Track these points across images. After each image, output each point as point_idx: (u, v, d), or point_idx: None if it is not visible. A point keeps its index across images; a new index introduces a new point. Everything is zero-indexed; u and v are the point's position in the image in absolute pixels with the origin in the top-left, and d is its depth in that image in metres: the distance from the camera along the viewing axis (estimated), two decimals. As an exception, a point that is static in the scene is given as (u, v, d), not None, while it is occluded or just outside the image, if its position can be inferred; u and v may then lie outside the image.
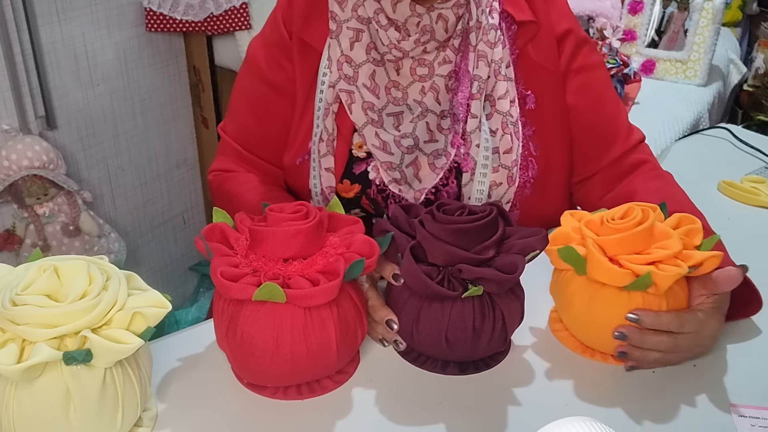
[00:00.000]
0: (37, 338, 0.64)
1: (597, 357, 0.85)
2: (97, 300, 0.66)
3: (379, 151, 0.99)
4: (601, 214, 0.84)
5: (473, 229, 0.79)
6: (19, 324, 0.64)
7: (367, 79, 0.99)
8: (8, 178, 1.63)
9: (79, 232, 1.76)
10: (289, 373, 0.77)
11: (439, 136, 1.01)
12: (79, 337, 0.65)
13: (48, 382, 0.65)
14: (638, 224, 0.81)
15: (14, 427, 0.66)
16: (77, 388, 0.65)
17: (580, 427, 0.56)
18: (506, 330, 0.81)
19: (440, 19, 0.97)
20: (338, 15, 1.00)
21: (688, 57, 1.98)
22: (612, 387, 0.81)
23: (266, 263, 0.77)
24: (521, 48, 1.02)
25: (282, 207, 0.81)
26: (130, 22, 1.96)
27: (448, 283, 0.78)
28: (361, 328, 0.80)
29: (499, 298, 0.80)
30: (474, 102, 1.00)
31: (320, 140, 1.02)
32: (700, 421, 0.76)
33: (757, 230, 1.14)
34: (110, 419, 0.69)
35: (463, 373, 0.82)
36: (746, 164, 1.36)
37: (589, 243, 0.81)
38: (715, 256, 0.80)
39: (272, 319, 0.74)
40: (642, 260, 0.79)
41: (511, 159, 1.01)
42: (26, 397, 0.65)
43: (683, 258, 0.80)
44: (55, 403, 0.65)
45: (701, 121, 1.84)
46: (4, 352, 0.63)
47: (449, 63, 0.99)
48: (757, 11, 2.76)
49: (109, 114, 1.96)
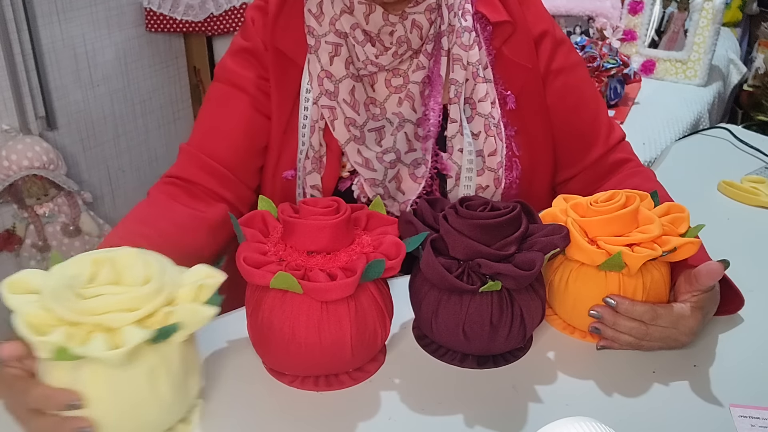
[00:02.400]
0: (122, 323, 0.67)
1: (576, 335, 0.89)
2: (163, 280, 0.70)
3: (362, 168, 0.99)
4: (588, 198, 0.88)
5: (495, 224, 0.80)
6: (100, 313, 0.67)
7: (348, 95, 0.98)
8: (8, 179, 1.64)
9: (79, 232, 1.76)
10: (303, 363, 0.78)
11: (416, 144, 1.01)
12: (162, 314, 0.68)
13: (138, 362, 0.68)
14: (621, 208, 0.84)
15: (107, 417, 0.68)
16: (163, 362, 0.69)
17: (580, 427, 0.56)
18: (525, 326, 0.81)
19: (414, 27, 0.96)
20: (316, 30, 0.98)
21: (688, 57, 1.98)
22: (612, 387, 0.81)
23: (292, 254, 0.79)
24: (498, 48, 1.02)
25: (316, 201, 0.82)
26: (130, 22, 1.96)
27: (468, 277, 0.79)
28: (383, 329, 0.80)
29: (519, 294, 0.81)
30: (452, 106, 0.99)
31: (306, 157, 1.01)
32: (700, 421, 0.76)
33: (757, 230, 1.14)
34: (189, 387, 0.73)
35: (482, 367, 0.83)
36: (746, 164, 1.36)
37: (570, 222, 0.85)
38: (691, 242, 0.83)
39: (290, 308, 0.75)
40: (619, 242, 0.83)
41: (496, 161, 1.01)
42: (122, 382, 0.67)
43: (661, 243, 0.83)
44: (148, 381, 0.68)
45: (701, 121, 1.84)
46: (97, 342, 0.65)
47: (423, 69, 0.99)
48: (757, 11, 2.76)
49: (110, 115, 1.97)
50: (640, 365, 0.84)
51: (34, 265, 1.73)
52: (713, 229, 0.93)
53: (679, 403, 0.79)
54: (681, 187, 1.25)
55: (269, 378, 0.82)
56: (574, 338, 0.88)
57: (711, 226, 0.92)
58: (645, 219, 0.85)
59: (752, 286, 0.98)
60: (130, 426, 0.69)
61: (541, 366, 0.84)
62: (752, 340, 0.89)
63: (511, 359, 0.85)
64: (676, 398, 0.79)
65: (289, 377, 0.81)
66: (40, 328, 0.66)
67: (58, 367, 0.67)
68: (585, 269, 0.85)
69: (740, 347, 0.87)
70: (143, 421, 0.70)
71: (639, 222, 0.85)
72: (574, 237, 0.83)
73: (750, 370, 0.84)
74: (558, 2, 2.07)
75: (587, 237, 0.85)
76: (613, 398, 0.79)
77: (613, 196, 0.86)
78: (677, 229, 0.86)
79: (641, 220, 0.85)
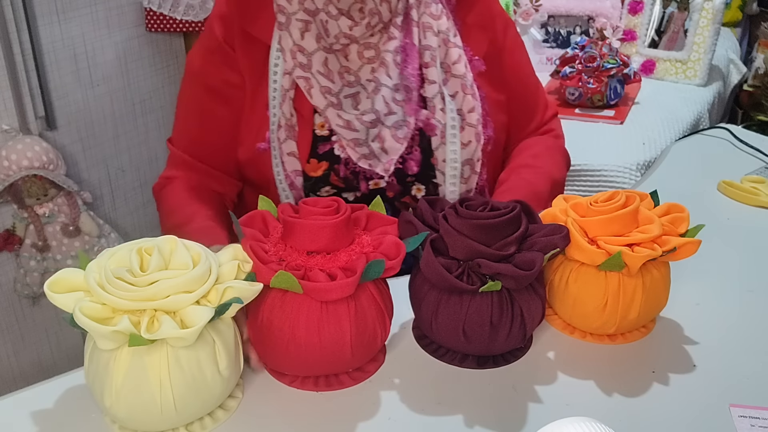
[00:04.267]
0: (185, 304, 0.69)
1: (576, 335, 0.89)
2: (210, 261, 0.73)
3: (344, 130, 1.02)
4: (588, 198, 0.88)
5: (495, 225, 0.80)
6: (161, 298, 0.69)
7: (321, 66, 1.02)
8: (8, 179, 1.63)
9: (79, 232, 1.76)
10: (303, 363, 0.78)
11: (395, 107, 1.04)
12: (217, 291, 0.71)
13: (199, 340, 0.70)
14: (621, 208, 0.84)
15: (174, 398, 0.70)
16: (220, 338, 0.72)
17: (580, 427, 0.56)
18: (525, 326, 0.82)
19: (383, 1, 1.00)
20: (286, 8, 1.02)
21: (688, 57, 1.98)
22: (612, 387, 0.81)
23: (292, 254, 0.79)
24: (462, 19, 1.10)
25: (316, 201, 0.83)
26: (130, 22, 1.96)
27: (468, 277, 0.79)
28: (382, 329, 0.80)
29: (519, 294, 0.81)
30: (429, 69, 1.04)
31: (279, 127, 1.04)
32: (700, 421, 0.76)
33: (757, 230, 1.14)
34: (240, 362, 0.77)
35: (482, 367, 0.83)
36: (746, 164, 1.36)
37: (570, 222, 0.85)
38: (691, 242, 0.83)
39: (289, 308, 0.76)
40: (620, 242, 0.83)
41: (475, 117, 1.06)
42: (185, 362, 0.70)
43: (661, 243, 0.83)
44: (209, 358, 0.71)
45: (701, 121, 1.84)
46: (166, 325, 0.67)
47: (394, 39, 1.03)
48: (757, 11, 2.76)
49: (109, 115, 1.96)
50: (640, 365, 0.84)
51: (33, 265, 1.73)
52: (713, 229, 0.93)
53: (679, 403, 0.79)
54: (681, 187, 1.25)
55: (269, 378, 0.82)
56: (574, 338, 0.89)
57: (711, 226, 0.92)
58: (645, 219, 0.85)
59: (752, 286, 0.99)
60: (195, 403, 0.72)
61: (541, 366, 0.84)
62: (752, 340, 0.89)
63: (511, 359, 0.85)
64: (676, 398, 0.79)
65: (289, 377, 0.81)
66: (99, 321, 0.68)
67: (123, 355, 0.69)
68: (585, 269, 0.85)
69: (740, 347, 0.87)
70: (207, 397, 0.72)
71: (639, 222, 0.85)
72: (574, 237, 0.83)
73: (750, 370, 0.84)
74: (558, 2, 2.07)
75: (587, 237, 0.85)
76: (613, 398, 0.79)
77: (613, 196, 0.87)
78: (677, 229, 0.86)
79: (641, 220, 0.86)
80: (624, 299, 0.84)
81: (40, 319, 1.87)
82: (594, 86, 1.74)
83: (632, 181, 1.50)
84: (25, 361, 1.88)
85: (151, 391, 0.69)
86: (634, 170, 1.51)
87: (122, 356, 0.69)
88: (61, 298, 0.70)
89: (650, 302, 0.85)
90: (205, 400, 0.73)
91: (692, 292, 0.97)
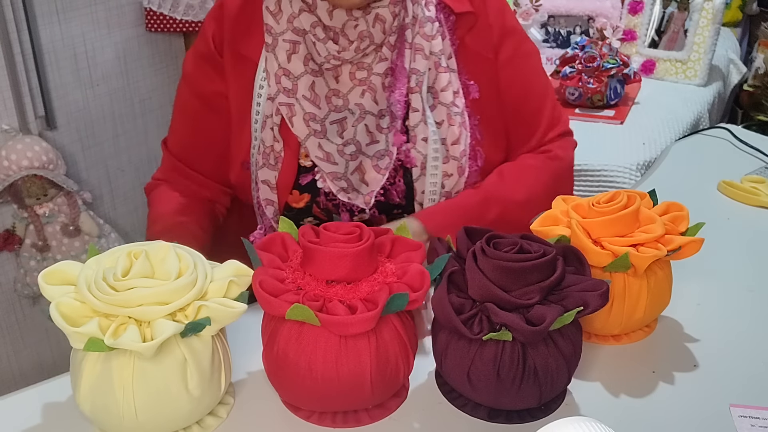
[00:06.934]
0: (154, 316, 0.68)
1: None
2: (196, 274, 0.70)
3: (323, 163, 0.99)
4: (589, 199, 0.88)
5: (518, 269, 0.72)
6: (133, 306, 0.67)
7: (307, 91, 0.98)
8: (8, 178, 1.63)
9: (78, 232, 1.76)
10: (320, 399, 0.74)
11: (379, 136, 1.01)
12: (194, 308, 0.69)
13: (168, 355, 0.69)
14: (623, 209, 0.84)
15: (135, 407, 0.69)
16: (192, 356, 0.70)
17: (580, 427, 0.56)
18: (540, 386, 0.73)
19: (377, 21, 0.97)
20: (273, 28, 0.99)
21: (688, 57, 1.98)
22: (612, 387, 0.81)
23: (310, 282, 0.74)
24: (461, 39, 1.04)
25: (338, 226, 0.77)
26: (130, 22, 1.96)
27: (479, 321, 0.72)
28: (405, 364, 0.75)
29: (533, 349, 0.72)
30: (413, 96, 1.00)
31: (258, 152, 1.02)
32: (699, 421, 0.76)
33: (757, 230, 1.14)
34: (218, 383, 0.74)
35: (492, 421, 0.76)
36: (746, 164, 1.36)
37: (574, 224, 0.84)
38: (695, 241, 0.83)
39: (306, 341, 0.71)
40: (624, 243, 0.83)
41: (459, 150, 1.02)
42: (150, 374, 0.68)
43: (665, 242, 0.83)
44: (176, 374, 0.69)
45: (701, 121, 1.84)
46: (129, 334, 0.66)
47: (385, 60, 0.99)
48: (757, 11, 2.76)
49: (109, 114, 1.96)
50: (640, 365, 0.84)
51: (33, 265, 1.73)
52: (713, 229, 0.93)
53: (679, 403, 0.79)
54: (681, 187, 1.25)
55: (285, 411, 0.78)
56: None
57: (711, 226, 0.92)
58: (646, 218, 0.85)
59: (752, 286, 0.99)
60: (158, 417, 0.70)
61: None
62: (752, 340, 0.89)
63: (528, 418, 0.76)
64: (676, 398, 0.79)
65: (306, 412, 0.77)
66: (74, 319, 0.68)
67: (94, 356, 0.69)
68: None
69: (740, 347, 0.87)
70: (171, 412, 0.71)
71: (640, 222, 0.85)
72: (579, 238, 0.82)
73: (750, 370, 0.84)
74: (558, 2, 2.07)
75: (591, 238, 0.84)
76: (613, 398, 0.79)
77: (615, 197, 0.86)
78: (677, 227, 0.86)
79: (642, 220, 0.85)
80: (629, 299, 0.83)
81: (40, 319, 1.87)
82: (594, 86, 1.74)
83: (632, 181, 1.50)
84: (25, 361, 1.88)
85: (115, 396, 0.68)
86: (634, 170, 1.51)
87: (93, 357, 0.69)
88: (51, 289, 0.70)
89: (655, 301, 0.85)
90: (170, 415, 0.71)
91: (693, 292, 0.97)
